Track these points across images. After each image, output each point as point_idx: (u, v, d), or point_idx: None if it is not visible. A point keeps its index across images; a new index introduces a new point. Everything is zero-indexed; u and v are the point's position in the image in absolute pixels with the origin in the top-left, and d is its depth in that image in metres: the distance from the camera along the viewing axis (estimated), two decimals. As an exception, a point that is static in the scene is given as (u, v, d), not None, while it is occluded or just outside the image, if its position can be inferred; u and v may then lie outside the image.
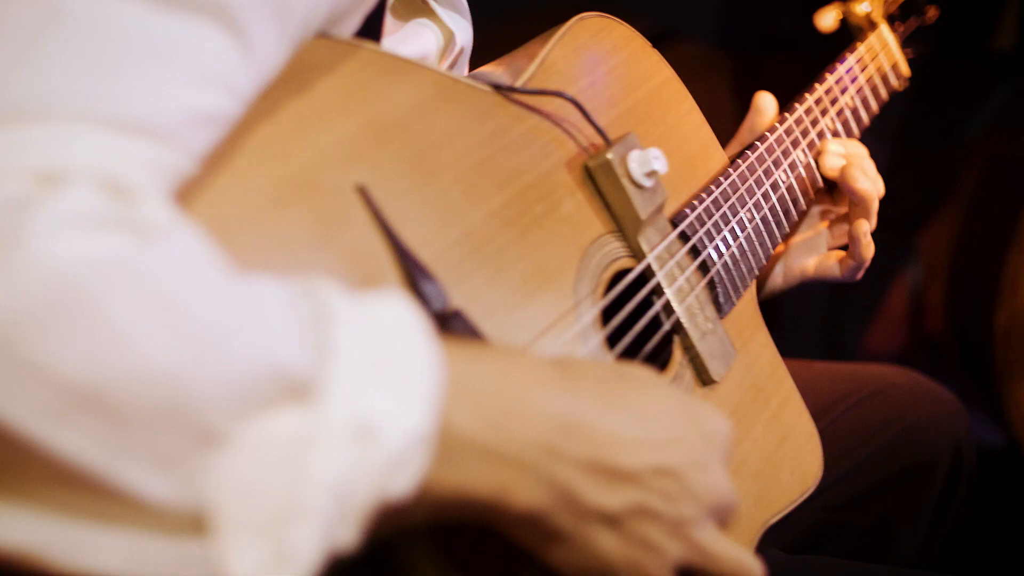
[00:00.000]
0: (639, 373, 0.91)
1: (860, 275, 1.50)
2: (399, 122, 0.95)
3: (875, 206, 1.45)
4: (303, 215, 0.85)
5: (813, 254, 1.51)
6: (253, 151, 0.84)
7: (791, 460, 1.24)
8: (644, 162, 1.11)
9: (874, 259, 3.46)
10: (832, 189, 1.51)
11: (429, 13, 1.20)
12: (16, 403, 0.62)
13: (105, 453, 0.65)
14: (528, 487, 0.79)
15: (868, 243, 1.46)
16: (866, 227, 1.45)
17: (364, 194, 0.89)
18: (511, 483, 0.78)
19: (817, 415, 1.50)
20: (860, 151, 1.48)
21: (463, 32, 1.23)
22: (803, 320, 3.27)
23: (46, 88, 0.69)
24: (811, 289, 3.18)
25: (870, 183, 1.43)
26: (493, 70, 1.17)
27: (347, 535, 0.71)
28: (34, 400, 0.62)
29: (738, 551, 0.92)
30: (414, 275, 0.89)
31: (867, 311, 3.38)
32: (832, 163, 1.44)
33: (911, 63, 1.84)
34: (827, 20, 1.78)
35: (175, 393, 0.66)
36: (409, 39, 1.16)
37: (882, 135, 3.12)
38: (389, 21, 1.14)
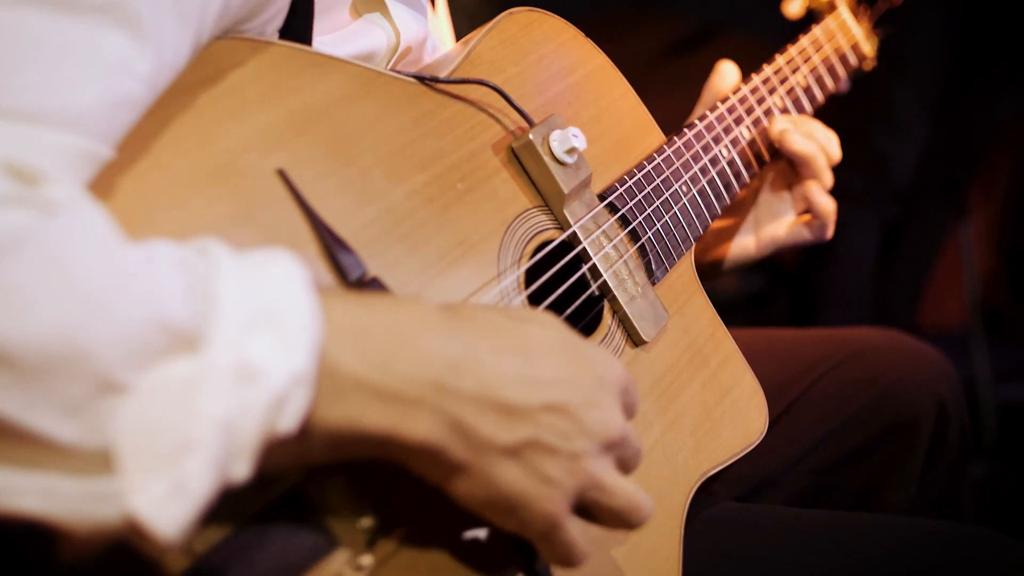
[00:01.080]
0: (534, 316, 0.99)
1: (829, 233, 1.57)
2: (319, 112, 1.05)
3: (819, 164, 1.53)
4: (223, 197, 0.96)
5: (782, 220, 1.59)
6: (174, 141, 0.95)
7: (732, 416, 1.32)
8: (564, 140, 1.20)
9: (920, 230, 3.43)
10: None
11: (383, 8, 1.28)
12: None
13: (15, 404, 0.75)
14: (420, 421, 0.87)
15: (822, 200, 1.54)
16: (814, 187, 1.53)
17: (283, 176, 0.99)
18: (402, 417, 0.87)
19: (795, 379, 1.58)
20: (807, 120, 1.56)
21: (412, 29, 1.32)
22: (852, 297, 3.29)
23: None
24: (859, 264, 3.20)
25: (808, 143, 1.51)
26: (428, 67, 1.27)
27: (241, 468, 0.80)
28: None
29: (632, 486, 0.99)
30: (331, 247, 0.99)
31: (917, 285, 3.41)
32: (775, 128, 1.52)
33: (883, 43, 1.92)
34: (794, 7, 1.86)
35: (73, 349, 0.75)
36: (353, 37, 1.24)
37: (925, 108, 3.13)
38: (334, 19, 1.23)
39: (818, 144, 1.53)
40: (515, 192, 1.19)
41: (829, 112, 1.72)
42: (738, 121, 1.51)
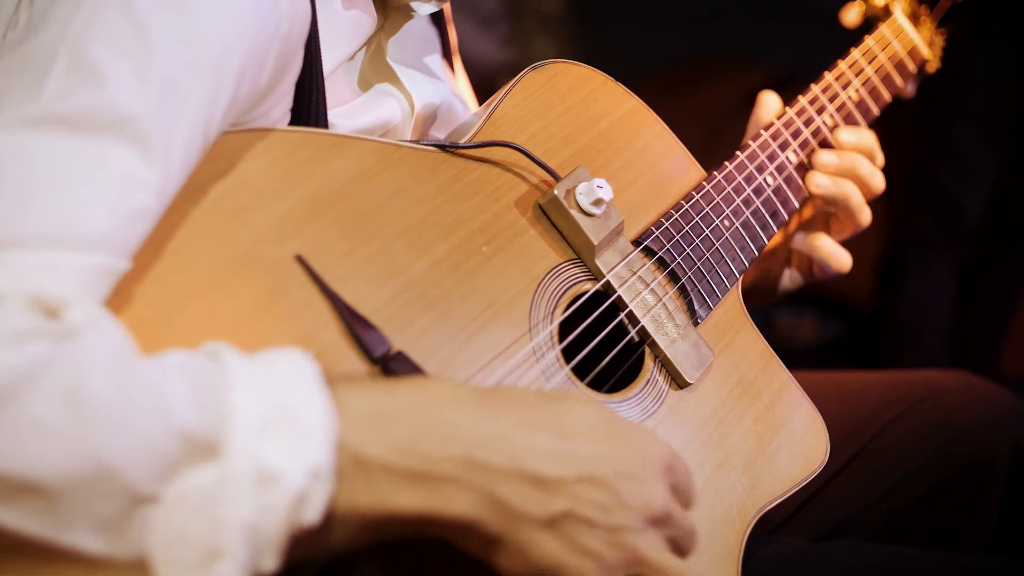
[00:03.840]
0: (572, 395, 1.00)
1: (840, 266, 1.53)
2: (336, 193, 1.08)
3: (850, 203, 1.50)
4: (243, 289, 1.00)
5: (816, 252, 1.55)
6: (192, 240, 0.99)
7: (788, 447, 1.31)
8: (590, 192, 1.21)
9: (996, 272, 3.33)
10: None
11: (392, 77, 1.32)
12: None
13: (47, 526, 0.80)
14: (453, 497, 0.90)
15: (819, 247, 1.52)
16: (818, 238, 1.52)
17: (301, 261, 1.03)
18: (435, 495, 0.89)
19: (866, 422, 1.58)
20: (862, 148, 1.54)
21: (427, 93, 1.34)
22: (928, 341, 3.24)
23: None
24: (933, 308, 3.12)
25: (832, 185, 1.49)
26: (451, 133, 1.29)
27: (269, 562, 0.84)
28: None
29: (683, 566, 0.99)
30: (353, 326, 1.03)
31: (997, 329, 3.31)
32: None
33: (948, 41, 1.88)
34: (851, 16, 1.84)
35: (98, 470, 0.80)
36: (365, 109, 1.27)
37: (993, 145, 3.07)
38: (341, 93, 1.26)
39: (848, 183, 1.50)
40: (545, 248, 1.21)
41: (895, 153, 1.69)
42: (784, 146, 1.49)
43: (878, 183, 1.52)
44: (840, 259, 1.52)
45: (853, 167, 1.50)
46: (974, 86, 2.98)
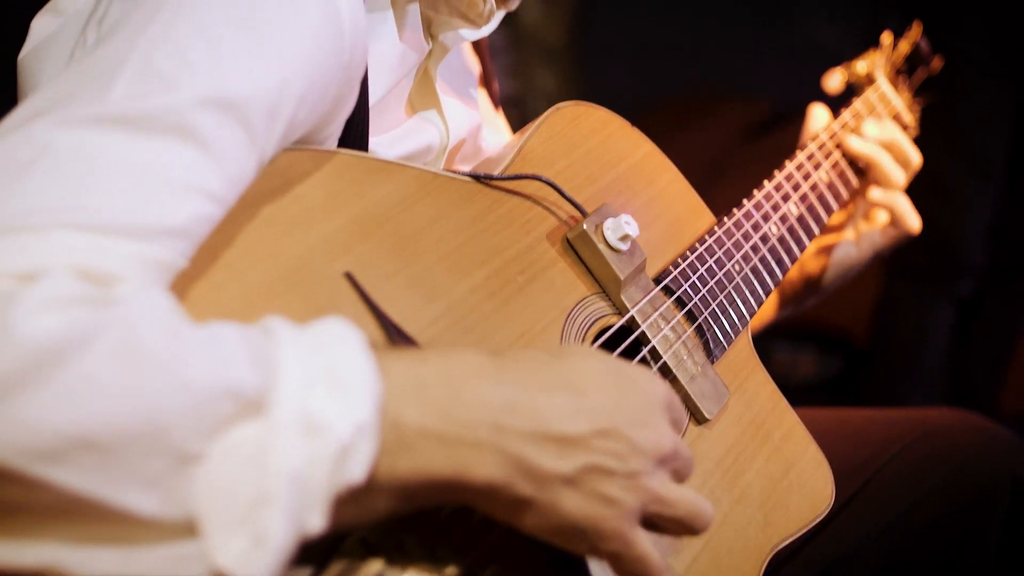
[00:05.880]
0: (575, 350, 1.04)
1: (911, 224, 1.73)
2: (382, 215, 1.10)
3: (883, 162, 1.71)
4: (295, 302, 1.00)
5: (877, 223, 1.76)
6: (247, 251, 1.00)
7: (798, 488, 1.34)
8: (617, 228, 1.24)
9: (994, 307, 3.33)
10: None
11: (436, 104, 1.35)
12: (19, 455, 0.77)
13: (103, 485, 0.79)
14: (484, 462, 0.92)
15: (886, 199, 1.73)
16: (874, 191, 1.73)
17: (351, 279, 1.04)
18: (467, 460, 0.91)
19: (867, 460, 1.60)
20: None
21: (464, 122, 1.38)
22: (926, 377, 3.26)
23: (32, 208, 0.84)
24: (929, 344, 3.13)
25: (865, 144, 1.70)
26: (482, 164, 1.32)
27: (316, 520, 0.84)
28: (33, 450, 0.77)
29: (691, 494, 1.03)
30: (399, 345, 1.04)
31: (996, 364, 3.34)
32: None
33: (938, 119, 1.96)
34: (834, 82, 1.90)
35: (151, 426, 0.80)
36: (407, 136, 1.31)
37: (986, 178, 3.10)
38: (391, 118, 1.29)
39: (875, 146, 1.70)
40: (573, 281, 1.23)
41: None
42: (785, 198, 1.54)
43: (908, 149, 1.73)
44: (913, 218, 1.72)
45: (881, 135, 1.72)
46: (965, 120, 3.01)
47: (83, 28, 1.04)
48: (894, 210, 1.71)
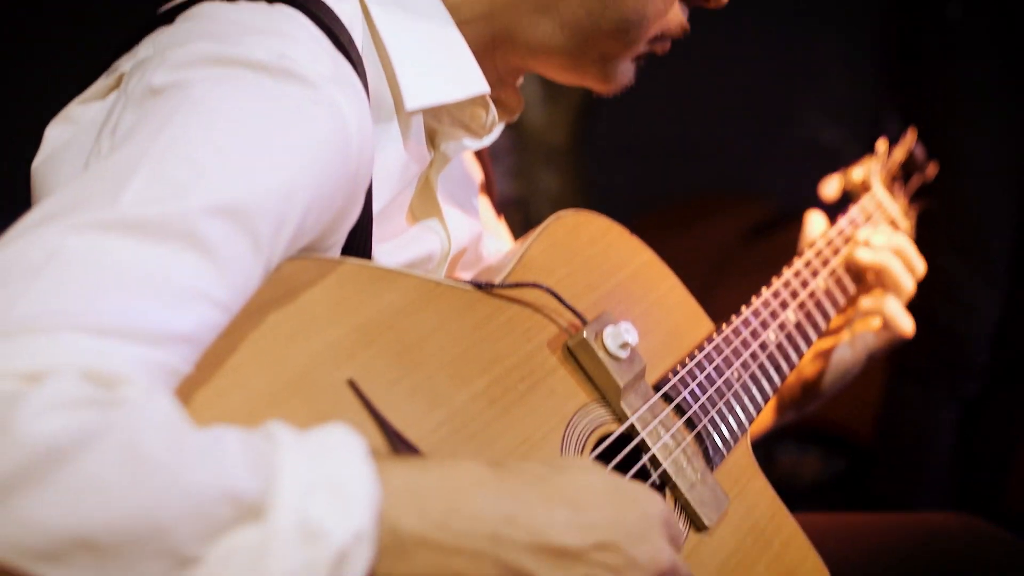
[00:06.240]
0: (574, 463, 1.05)
1: (903, 327, 1.73)
2: (384, 323, 1.12)
3: (893, 270, 1.72)
4: (299, 408, 1.01)
5: (872, 326, 1.75)
6: (251, 359, 1.01)
7: None
8: (617, 335, 1.26)
9: (999, 407, 3.29)
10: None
11: (438, 213, 1.37)
12: (20, 554, 0.78)
13: None
14: (482, 572, 0.93)
15: (884, 305, 1.72)
16: (875, 297, 1.73)
17: (354, 386, 1.06)
18: (465, 570, 0.92)
19: (867, 568, 1.60)
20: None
21: (466, 231, 1.41)
22: (930, 479, 3.24)
23: (41, 310, 0.86)
24: (933, 445, 3.11)
25: (875, 254, 1.71)
26: (482, 271, 1.34)
27: None
28: (34, 549, 0.78)
29: None
30: (401, 452, 1.05)
31: (1001, 466, 3.29)
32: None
33: (940, 221, 1.99)
34: (830, 189, 1.93)
35: (150, 528, 0.81)
36: (409, 244, 1.33)
37: (992, 278, 3.10)
38: (393, 226, 1.31)
39: (886, 254, 1.71)
40: (573, 388, 1.25)
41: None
42: (783, 305, 1.56)
43: (913, 259, 1.74)
44: (906, 321, 1.72)
45: (887, 243, 1.73)
46: (971, 221, 3.00)
47: (97, 137, 1.07)
48: (886, 315, 1.72)
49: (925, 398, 3.17)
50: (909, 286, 1.72)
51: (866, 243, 1.73)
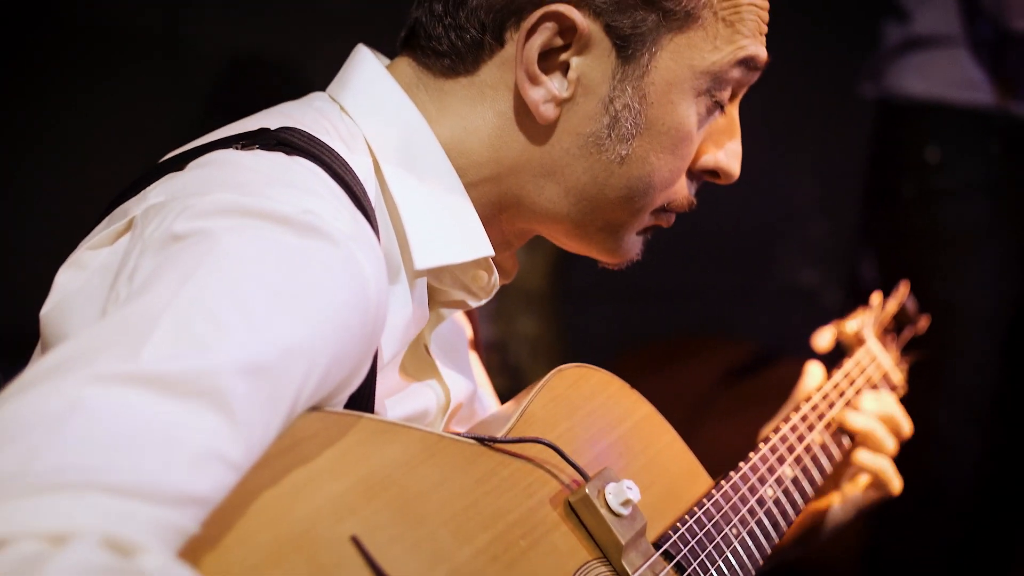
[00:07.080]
0: None
1: (892, 487, 1.75)
2: (387, 478, 1.10)
3: (876, 435, 1.73)
4: (301, 565, 0.99)
5: (859, 484, 1.78)
6: (255, 513, 0.99)
7: None
8: (619, 492, 1.25)
9: (983, 548, 3.27)
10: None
11: (434, 371, 1.37)
12: None
13: None
14: None
15: (870, 463, 1.74)
16: (863, 454, 1.74)
17: (356, 542, 1.04)
18: None
19: None
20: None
21: (462, 387, 1.40)
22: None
23: (65, 465, 0.84)
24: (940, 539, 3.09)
25: (863, 420, 1.72)
26: (482, 424, 1.33)
27: None
28: None
29: None
30: None
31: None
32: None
33: (926, 365, 2.00)
34: (823, 340, 1.94)
35: None
36: (408, 399, 1.32)
37: (979, 427, 3.10)
38: (387, 381, 1.30)
39: (872, 420, 1.73)
40: (575, 545, 1.23)
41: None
42: (780, 460, 1.56)
43: (900, 421, 1.76)
44: (894, 481, 1.75)
45: (877, 408, 1.75)
46: (952, 369, 3.01)
47: (113, 282, 1.06)
48: (879, 474, 1.74)
49: (910, 543, 3.14)
50: (890, 447, 1.75)
51: (855, 407, 1.75)
